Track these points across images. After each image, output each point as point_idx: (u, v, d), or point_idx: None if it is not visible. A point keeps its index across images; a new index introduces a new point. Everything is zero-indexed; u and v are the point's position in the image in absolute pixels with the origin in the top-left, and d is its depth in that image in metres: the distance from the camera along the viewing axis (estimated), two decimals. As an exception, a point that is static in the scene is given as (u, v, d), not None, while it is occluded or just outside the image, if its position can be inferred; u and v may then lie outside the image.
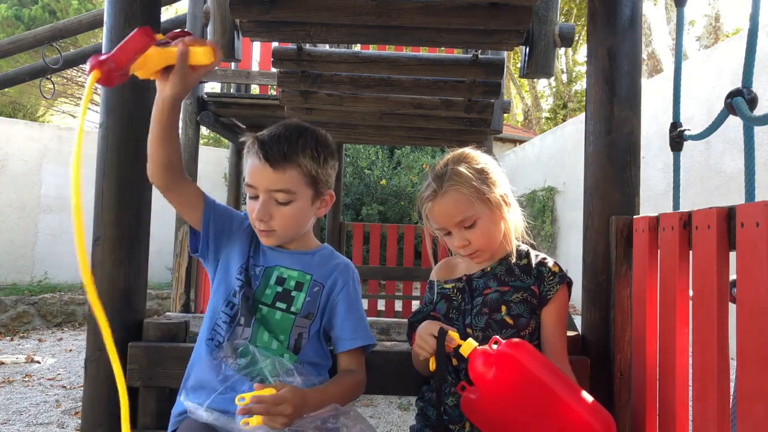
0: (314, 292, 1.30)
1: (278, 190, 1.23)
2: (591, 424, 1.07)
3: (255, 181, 1.24)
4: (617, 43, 1.47)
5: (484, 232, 1.28)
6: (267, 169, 1.22)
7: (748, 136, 1.26)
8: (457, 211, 1.26)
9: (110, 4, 1.50)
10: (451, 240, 1.31)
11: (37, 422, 3.19)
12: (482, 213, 1.27)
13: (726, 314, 0.98)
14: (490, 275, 1.33)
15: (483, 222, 1.28)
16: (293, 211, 1.26)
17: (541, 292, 1.29)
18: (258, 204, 1.24)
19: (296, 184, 1.25)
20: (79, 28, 4.10)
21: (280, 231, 1.27)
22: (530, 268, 1.32)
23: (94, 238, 1.48)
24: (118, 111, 1.49)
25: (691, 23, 16.58)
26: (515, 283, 1.31)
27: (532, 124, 17.71)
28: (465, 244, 1.29)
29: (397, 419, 3.39)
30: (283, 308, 1.27)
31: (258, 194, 1.25)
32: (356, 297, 1.35)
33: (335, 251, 1.41)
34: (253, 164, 1.24)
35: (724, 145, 5.19)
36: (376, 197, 9.39)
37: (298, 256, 1.34)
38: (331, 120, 3.53)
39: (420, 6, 1.95)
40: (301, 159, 1.24)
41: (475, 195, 1.26)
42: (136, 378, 1.43)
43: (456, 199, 1.26)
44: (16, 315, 5.94)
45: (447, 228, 1.30)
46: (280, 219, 1.25)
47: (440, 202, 1.27)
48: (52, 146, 7.83)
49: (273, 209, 1.24)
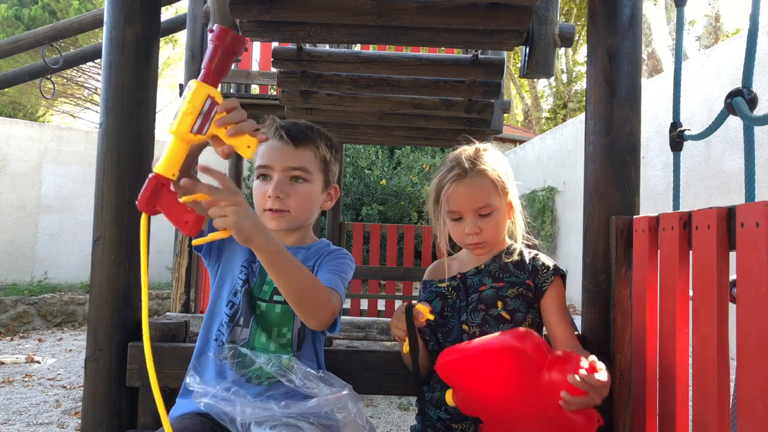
0: None
1: (296, 167, 1.28)
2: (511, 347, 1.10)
3: (272, 160, 1.28)
4: (617, 43, 1.47)
5: (497, 224, 1.33)
6: (287, 147, 1.27)
7: (748, 136, 1.26)
8: (481, 197, 1.30)
9: (110, 4, 1.50)
10: (461, 226, 1.32)
11: (37, 422, 3.19)
12: (499, 206, 1.32)
13: (726, 314, 0.98)
14: (484, 272, 1.34)
15: (498, 214, 1.32)
16: (308, 190, 1.30)
17: (536, 285, 1.31)
18: (273, 183, 1.27)
19: (312, 164, 1.31)
20: (79, 28, 4.10)
21: (294, 212, 1.28)
22: (524, 264, 1.34)
23: (94, 238, 1.48)
24: (118, 111, 1.49)
25: (691, 23, 16.59)
26: (510, 278, 1.32)
27: (532, 124, 17.71)
28: (476, 232, 1.31)
29: (397, 419, 3.39)
30: (282, 301, 1.26)
31: (272, 174, 1.28)
32: (341, 267, 1.31)
33: (332, 244, 1.41)
34: (270, 145, 1.28)
35: (724, 145, 5.19)
36: (376, 197, 9.38)
37: (293, 250, 1.32)
38: (331, 120, 3.53)
39: (420, 6, 1.95)
40: (318, 142, 1.32)
41: (500, 186, 1.32)
42: (136, 378, 1.43)
43: (483, 184, 1.31)
44: (16, 315, 5.94)
45: (462, 212, 1.32)
46: (295, 198, 1.28)
47: (468, 183, 1.30)
48: (52, 146, 7.83)
49: (288, 188, 1.28)
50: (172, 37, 11.96)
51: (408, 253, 5.38)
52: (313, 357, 1.30)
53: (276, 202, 1.26)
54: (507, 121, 14.77)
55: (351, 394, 1.18)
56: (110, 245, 1.46)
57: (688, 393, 1.13)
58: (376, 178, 9.42)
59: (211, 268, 1.35)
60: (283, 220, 1.28)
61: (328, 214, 5.45)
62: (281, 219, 1.28)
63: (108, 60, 1.49)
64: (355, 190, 9.43)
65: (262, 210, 1.29)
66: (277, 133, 1.29)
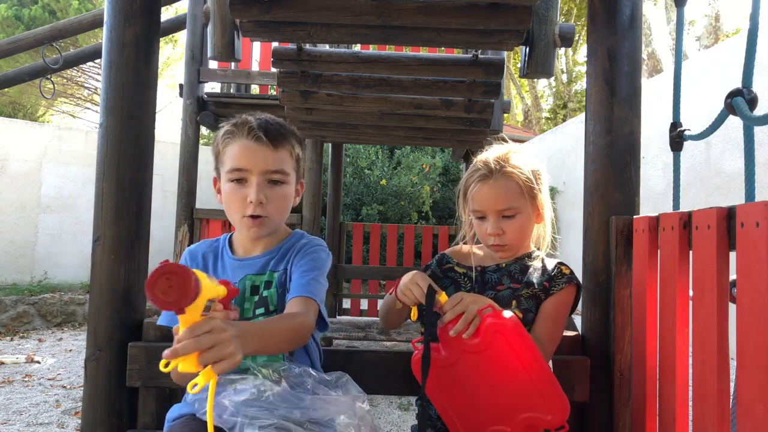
0: (282, 282, 1.26)
1: (275, 170, 1.21)
2: (554, 402, 1.11)
3: (248, 163, 1.19)
4: (617, 43, 1.47)
5: (521, 227, 1.32)
6: (265, 149, 1.19)
7: (748, 136, 1.26)
8: (506, 198, 1.29)
9: (110, 4, 1.50)
10: (485, 225, 1.32)
11: (37, 422, 3.19)
12: (524, 209, 1.31)
13: (726, 314, 0.98)
14: (504, 271, 1.35)
15: (522, 217, 1.31)
16: (286, 193, 1.25)
17: (549, 288, 1.31)
18: (252, 187, 1.19)
19: (289, 165, 1.25)
20: (79, 28, 4.10)
21: (273, 216, 1.23)
22: (546, 270, 1.34)
23: (94, 238, 1.48)
24: (118, 111, 1.49)
25: (691, 23, 16.59)
26: (528, 279, 1.32)
27: (532, 124, 17.70)
28: (499, 233, 1.31)
29: (397, 419, 3.39)
30: (263, 312, 1.23)
31: (249, 178, 1.20)
32: (315, 265, 1.24)
33: (306, 234, 1.35)
34: (244, 147, 1.20)
35: (724, 145, 5.19)
36: (376, 197, 9.38)
37: (267, 257, 1.28)
38: (331, 120, 3.53)
39: (420, 6, 1.95)
40: (292, 141, 1.25)
41: (527, 189, 1.30)
42: (136, 378, 1.43)
43: (508, 186, 1.30)
44: (16, 315, 5.94)
45: (486, 213, 1.32)
46: (275, 202, 1.22)
47: (493, 185, 1.30)
48: (52, 146, 7.83)
49: (268, 192, 1.21)
50: (172, 37, 11.96)
51: (408, 253, 5.38)
52: (306, 358, 1.29)
53: (258, 208, 1.19)
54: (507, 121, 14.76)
55: (354, 403, 1.14)
56: (110, 245, 1.46)
57: (688, 393, 1.13)
58: (376, 178, 9.42)
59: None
60: (264, 227, 1.23)
61: (328, 214, 5.44)
62: (262, 227, 1.23)
63: (108, 60, 1.49)
64: (355, 190, 9.42)
65: (240, 216, 1.22)
66: (253, 134, 1.19)
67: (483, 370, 1.15)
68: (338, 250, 5.42)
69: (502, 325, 1.12)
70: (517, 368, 1.12)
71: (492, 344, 1.12)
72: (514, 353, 1.12)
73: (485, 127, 3.32)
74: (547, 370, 1.13)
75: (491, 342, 1.12)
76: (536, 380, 1.12)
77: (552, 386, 1.13)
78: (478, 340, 1.13)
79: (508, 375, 1.13)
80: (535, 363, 1.12)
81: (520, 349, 1.12)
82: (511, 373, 1.13)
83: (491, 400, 1.16)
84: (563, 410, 1.12)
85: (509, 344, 1.12)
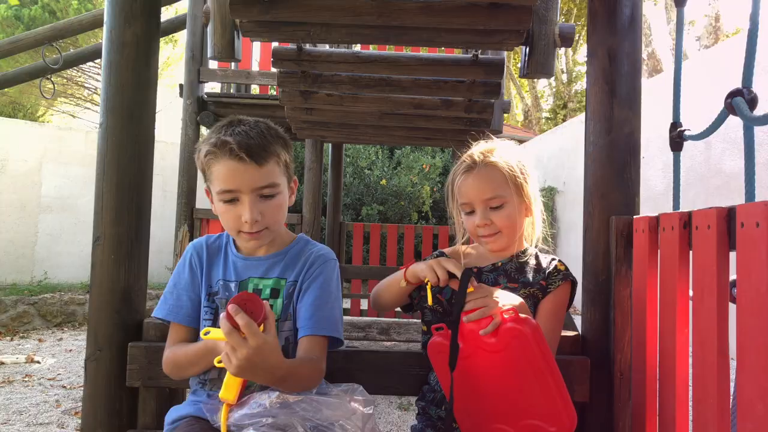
0: (289, 293, 1.26)
1: (265, 186, 1.21)
2: (561, 415, 1.11)
3: (236, 183, 1.19)
4: (617, 43, 1.47)
5: (508, 216, 1.31)
6: (251, 167, 1.18)
7: (748, 136, 1.26)
8: (491, 188, 1.30)
9: (110, 4, 1.50)
10: (473, 219, 1.32)
11: (37, 422, 3.19)
12: (510, 199, 1.31)
13: (726, 314, 0.98)
14: (500, 271, 1.34)
15: (510, 207, 1.31)
16: (280, 201, 1.25)
17: (546, 286, 1.32)
18: (246, 206, 1.19)
19: (278, 175, 1.24)
20: (79, 28, 4.10)
21: (271, 227, 1.24)
22: (541, 267, 1.35)
23: (94, 238, 1.48)
24: (118, 111, 1.49)
25: (691, 23, 16.57)
26: (525, 279, 1.33)
27: (532, 124, 17.70)
28: (487, 223, 1.30)
29: (397, 419, 3.39)
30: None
31: (240, 197, 1.20)
32: (328, 289, 1.26)
33: (311, 240, 1.36)
34: (229, 168, 1.18)
35: (724, 145, 5.19)
36: (376, 197, 9.38)
37: (271, 260, 1.29)
38: (331, 120, 3.52)
39: (420, 6, 1.95)
40: (277, 149, 1.23)
41: (511, 179, 1.31)
42: (136, 378, 1.43)
43: (492, 175, 1.30)
44: (16, 315, 5.94)
45: (473, 204, 1.32)
46: (270, 214, 1.23)
47: (477, 175, 1.30)
48: (52, 146, 7.83)
49: (262, 206, 1.21)
50: (172, 37, 11.95)
51: (408, 253, 5.38)
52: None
53: (255, 225, 1.20)
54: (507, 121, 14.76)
55: (357, 407, 1.14)
56: (110, 245, 1.46)
57: (688, 393, 1.13)
58: (376, 178, 9.42)
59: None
60: (263, 238, 1.25)
61: (328, 214, 5.44)
62: (260, 238, 1.24)
63: (108, 60, 1.49)
64: (355, 190, 9.42)
65: (237, 232, 1.24)
66: (235, 155, 1.17)
67: (495, 369, 1.15)
68: (338, 250, 5.42)
69: (520, 331, 1.10)
70: (528, 375, 1.11)
71: (508, 347, 1.11)
72: (528, 361, 1.11)
73: (485, 127, 3.32)
74: (559, 383, 1.12)
75: (507, 344, 1.11)
76: (546, 391, 1.11)
77: (561, 399, 1.11)
78: (494, 340, 1.13)
79: (519, 380, 1.12)
80: (549, 374, 1.11)
81: (536, 358, 1.10)
82: (522, 378, 1.12)
83: (499, 399, 1.16)
84: (570, 424, 1.10)
85: (525, 351, 1.10)
